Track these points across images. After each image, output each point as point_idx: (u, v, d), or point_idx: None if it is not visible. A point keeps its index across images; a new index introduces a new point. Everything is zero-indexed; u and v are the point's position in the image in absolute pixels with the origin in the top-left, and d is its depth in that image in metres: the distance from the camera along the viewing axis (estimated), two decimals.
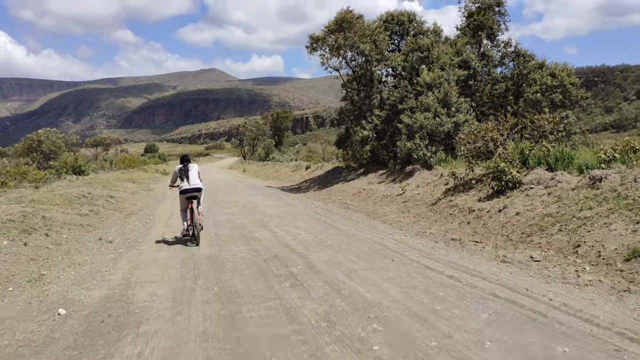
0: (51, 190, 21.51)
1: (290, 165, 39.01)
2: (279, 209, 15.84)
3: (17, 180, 31.48)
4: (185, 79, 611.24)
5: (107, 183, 26.20)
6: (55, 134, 49.08)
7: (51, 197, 17.49)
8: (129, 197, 22.95)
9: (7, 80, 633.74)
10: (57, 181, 28.70)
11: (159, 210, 16.60)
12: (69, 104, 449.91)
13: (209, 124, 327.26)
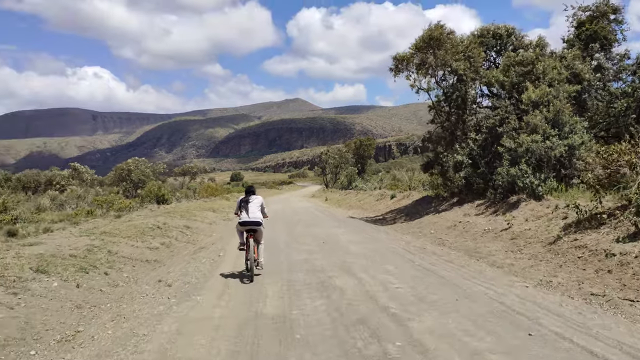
0: (129, 220, 20.86)
1: (374, 194, 36.95)
2: (363, 246, 13.80)
3: (104, 208, 31.79)
4: (270, 109, 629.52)
5: (186, 212, 25.44)
6: (144, 163, 50.21)
7: (125, 228, 16.59)
8: (206, 227, 21.86)
9: (109, 114, 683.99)
10: (138, 210, 28.46)
11: (231, 245, 15.10)
12: (163, 135, 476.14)
13: (293, 153, 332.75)
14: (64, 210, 33.86)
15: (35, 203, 35.92)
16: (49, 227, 19.79)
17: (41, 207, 35.11)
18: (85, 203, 34.22)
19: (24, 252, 11.25)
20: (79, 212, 29.13)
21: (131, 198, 41.74)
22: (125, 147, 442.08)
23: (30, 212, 30.15)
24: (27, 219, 24.95)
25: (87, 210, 29.43)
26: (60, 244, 13.04)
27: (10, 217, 23.97)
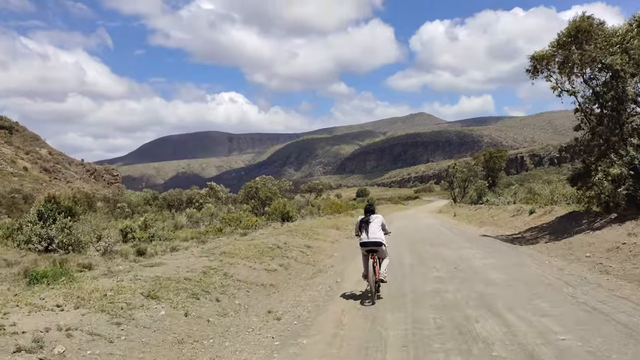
0: (251, 239, 20.55)
1: (508, 209, 33.70)
2: (505, 273, 11.70)
3: (232, 226, 32.38)
4: (395, 125, 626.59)
5: (308, 230, 24.74)
6: (270, 181, 51.19)
7: (245, 247, 16.08)
8: (328, 246, 20.86)
9: (243, 135, 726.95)
10: (263, 228, 28.42)
11: (351, 268, 13.83)
12: (292, 154, 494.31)
13: (418, 167, 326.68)
14: (198, 227, 35.17)
15: (174, 221, 37.84)
16: (177, 246, 20.07)
17: (178, 224, 36.83)
18: (217, 220, 35.23)
19: (143, 274, 10.92)
20: (209, 230, 29.89)
21: (259, 215, 42.55)
22: (257, 166, 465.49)
23: (167, 230, 31.62)
24: (163, 236, 25.89)
25: (217, 228, 30.14)
26: (180, 265, 12.69)
27: (148, 235, 25.03)
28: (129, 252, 17.52)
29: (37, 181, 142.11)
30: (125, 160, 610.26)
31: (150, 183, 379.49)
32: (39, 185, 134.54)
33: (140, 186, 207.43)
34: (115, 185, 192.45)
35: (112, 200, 74.48)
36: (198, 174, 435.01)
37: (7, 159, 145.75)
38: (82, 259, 17.02)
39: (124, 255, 16.96)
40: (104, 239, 19.70)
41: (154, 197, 77.59)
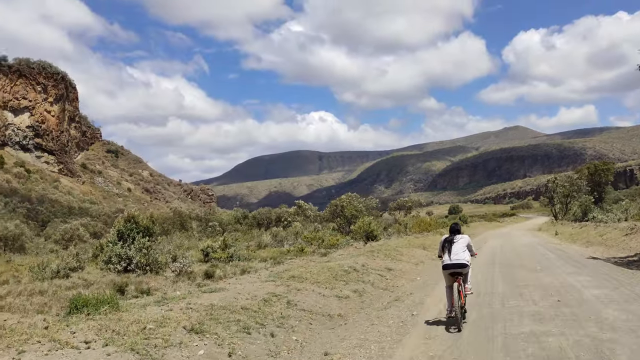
0: (328, 260, 19.29)
1: (620, 227, 29.89)
2: (624, 309, 9.38)
3: (315, 245, 31.35)
4: (488, 139, 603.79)
5: (392, 250, 23.06)
6: (356, 199, 49.89)
7: (318, 270, 14.81)
8: (411, 269, 19.07)
9: (333, 154, 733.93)
10: (343, 248, 27.09)
11: (433, 296, 12.09)
12: (381, 171, 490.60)
13: (514, 183, 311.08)
14: (282, 246, 34.60)
15: (257, 240, 37.58)
16: (249, 268, 19.22)
17: (261, 243, 36.48)
18: (301, 239, 34.44)
19: (198, 302, 9.97)
20: (291, 250, 29.06)
21: (345, 234, 41.30)
22: (347, 184, 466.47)
23: (250, 249, 31.22)
24: (242, 256, 25.33)
25: (299, 248, 29.24)
26: (242, 290, 11.66)
27: (227, 255, 24.56)
28: (199, 274, 16.89)
29: (140, 201, 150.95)
30: (220, 180, 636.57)
31: (244, 202, 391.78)
32: (141, 205, 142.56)
33: (234, 205, 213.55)
34: (210, 205, 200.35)
35: (204, 219, 76.71)
36: (290, 193, 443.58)
37: (114, 181, 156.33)
38: (151, 281, 16.58)
39: (192, 277, 16.32)
40: (179, 259, 19.33)
41: (244, 216, 79.02)
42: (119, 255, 19.15)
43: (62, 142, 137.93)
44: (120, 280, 17.33)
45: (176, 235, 43.51)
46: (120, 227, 20.33)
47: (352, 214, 47.51)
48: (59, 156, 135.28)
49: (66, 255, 24.79)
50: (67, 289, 17.01)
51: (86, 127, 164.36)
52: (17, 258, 32.60)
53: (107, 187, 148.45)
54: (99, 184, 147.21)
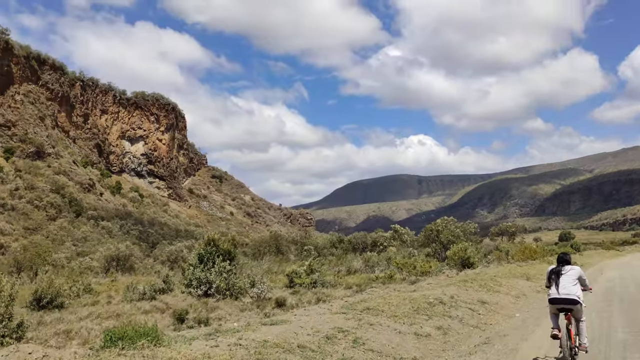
0: (413, 290, 17.47)
1: None
2: None
3: (405, 272, 29.41)
4: (603, 161, 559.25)
5: (489, 280, 20.69)
6: (453, 223, 47.07)
7: (398, 302, 13.18)
8: (509, 303, 16.70)
9: (433, 178, 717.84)
10: (434, 276, 24.94)
11: (532, 340, 10.00)
12: (484, 195, 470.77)
13: (635, 208, 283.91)
14: (372, 272, 33.02)
15: (348, 265, 36.24)
16: (326, 296, 17.92)
17: (351, 269, 35.09)
18: (392, 265, 32.65)
19: (251, 337, 8.85)
20: (380, 277, 27.41)
21: (440, 260, 38.76)
22: (447, 208, 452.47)
23: (338, 275, 29.94)
24: (327, 282, 24.12)
25: (388, 275, 27.51)
26: (306, 324, 10.37)
27: (310, 280, 23.45)
28: (272, 301, 15.86)
29: (241, 224, 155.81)
30: (320, 204, 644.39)
31: (343, 226, 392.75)
32: (242, 229, 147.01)
33: (333, 229, 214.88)
34: (309, 228, 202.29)
35: (300, 243, 76.74)
36: (388, 217, 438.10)
37: (217, 205, 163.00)
38: (225, 307, 15.78)
39: (263, 305, 15.30)
40: (257, 285, 18.49)
41: (340, 240, 78.01)
42: (199, 279, 18.67)
43: (171, 168, 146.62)
44: (196, 303, 16.77)
45: (267, 259, 43.31)
46: (200, 250, 19.98)
47: (448, 239, 44.80)
48: (168, 181, 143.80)
49: (155, 277, 25.08)
50: (144, 312, 16.73)
51: (193, 154, 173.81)
52: (124, 277, 33.75)
53: (212, 211, 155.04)
54: (204, 207, 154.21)
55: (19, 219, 78.37)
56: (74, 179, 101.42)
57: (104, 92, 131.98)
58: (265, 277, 21.59)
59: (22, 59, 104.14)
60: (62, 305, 18.28)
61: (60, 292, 18.82)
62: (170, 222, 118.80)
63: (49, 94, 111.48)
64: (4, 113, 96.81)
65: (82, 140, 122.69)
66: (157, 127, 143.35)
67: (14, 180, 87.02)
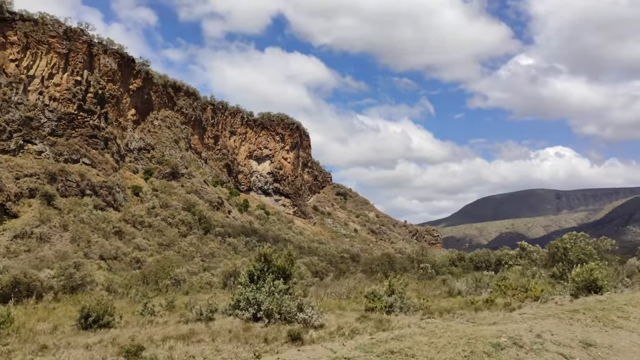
0: (493, 322, 13.14)
1: None
2: None
3: (511, 296, 24.39)
4: None
5: (612, 311, 15.50)
6: (583, 239, 39.86)
7: (445, 342, 9.31)
8: (634, 344, 11.73)
9: (573, 192, 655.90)
10: (542, 302, 19.83)
11: None
12: (636, 211, 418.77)
13: None
14: (478, 294, 28.39)
15: (446, 287, 31.78)
16: (388, 324, 14.25)
17: (452, 290, 30.59)
18: (494, 288, 27.64)
19: None
20: (476, 301, 22.88)
21: (567, 281, 32.49)
22: (591, 225, 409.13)
23: (432, 298, 25.78)
24: (412, 306, 20.35)
25: (486, 299, 22.85)
26: None
27: (384, 304, 19.80)
28: (283, 333, 12.63)
29: (365, 242, 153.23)
30: (449, 221, 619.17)
31: (474, 243, 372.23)
32: (366, 246, 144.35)
33: (462, 247, 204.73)
34: (436, 245, 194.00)
35: (416, 260, 71.81)
36: (523, 234, 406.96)
37: (341, 222, 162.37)
38: (269, 335, 12.88)
39: (278, 337, 12.12)
40: (305, 309, 15.40)
41: (460, 258, 71.79)
42: (247, 299, 16.02)
43: (296, 186, 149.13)
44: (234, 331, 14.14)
45: (356, 277, 39.93)
46: (251, 267, 17.43)
47: (578, 257, 37.82)
48: (293, 199, 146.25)
49: (212, 296, 23.06)
50: (180, 339, 14.39)
51: (318, 172, 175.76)
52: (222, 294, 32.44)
53: (335, 228, 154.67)
54: (328, 224, 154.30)
55: (154, 235, 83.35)
56: (204, 197, 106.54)
57: (233, 115, 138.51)
58: (305, 300, 18.29)
59: (160, 87, 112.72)
60: (109, 325, 16.76)
61: (109, 310, 17.33)
62: (294, 238, 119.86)
63: (183, 118, 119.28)
64: (144, 137, 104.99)
65: (213, 161, 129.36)
66: (283, 146, 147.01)
67: (151, 199, 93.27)
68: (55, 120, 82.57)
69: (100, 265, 65.25)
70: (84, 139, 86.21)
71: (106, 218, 78.96)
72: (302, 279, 53.59)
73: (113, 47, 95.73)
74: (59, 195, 77.10)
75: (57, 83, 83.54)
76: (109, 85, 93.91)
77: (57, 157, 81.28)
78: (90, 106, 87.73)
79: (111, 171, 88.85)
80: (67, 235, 72.83)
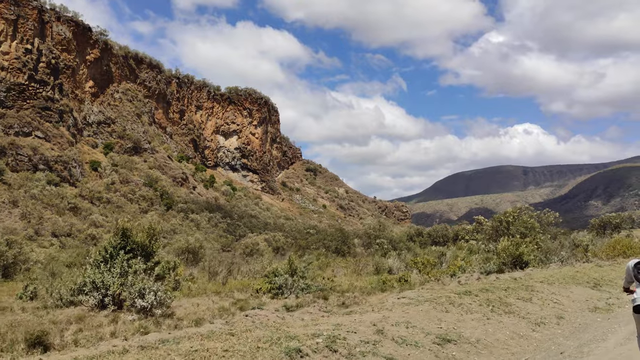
0: (364, 310, 10.92)
1: None
2: None
3: (424, 273, 22.40)
4: None
5: (518, 290, 13.73)
6: (527, 212, 38.40)
7: (242, 346, 7.06)
8: (518, 336, 9.64)
9: (540, 168, 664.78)
10: (457, 278, 17.74)
11: None
12: (598, 186, 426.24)
13: None
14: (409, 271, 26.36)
15: (376, 262, 29.54)
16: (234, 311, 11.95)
17: (381, 268, 28.15)
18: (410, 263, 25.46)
19: None
20: (388, 280, 20.72)
21: None
22: (556, 200, 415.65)
23: (327, 278, 23.67)
24: (300, 286, 17.98)
25: (399, 277, 20.73)
26: None
27: (273, 285, 17.36)
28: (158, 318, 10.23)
29: (333, 217, 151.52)
30: (420, 197, 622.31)
31: (444, 219, 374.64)
32: (334, 222, 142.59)
33: (434, 222, 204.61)
34: (405, 221, 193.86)
35: (373, 236, 70.17)
36: (492, 210, 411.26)
37: (310, 198, 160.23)
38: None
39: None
40: (147, 295, 12.68)
41: (418, 233, 70.39)
42: (94, 282, 13.38)
43: (264, 161, 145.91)
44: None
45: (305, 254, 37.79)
46: (106, 244, 14.71)
47: (520, 231, 36.34)
48: (261, 175, 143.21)
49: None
50: None
51: (287, 148, 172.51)
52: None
53: (304, 204, 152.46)
54: (297, 201, 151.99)
55: (113, 212, 79.75)
56: (168, 173, 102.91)
57: (199, 89, 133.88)
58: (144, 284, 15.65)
59: (121, 59, 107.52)
60: None
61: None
62: (261, 214, 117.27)
63: (147, 91, 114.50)
64: (103, 110, 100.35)
65: (179, 136, 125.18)
66: (250, 121, 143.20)
67: (110, 174, 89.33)
68: (3, 91, 77.70)
69: (52, 243, 61.93)
70: (37, 111, 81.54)
71: (60, 194, 75.05)
72: (261, 255, 51.22)
73: (67, 15, 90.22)
74: (8, 170, 72.88)
75: (5, 51, 78.37)
76: (64, 54, 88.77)
77: (7, 130, 76.71)
78: (42, 77, 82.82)
79: (67, 145, 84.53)
80: (16, 211, 68.87)
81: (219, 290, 16.24)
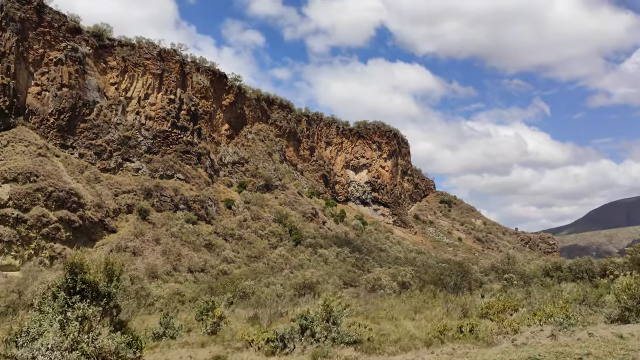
0: None
1: None
2: None
3: (502, 321, 16.81)
4: None
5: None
6: None
7: None
8: None
9: None
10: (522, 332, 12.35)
11: None
12: None
13: None
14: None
15: (462, 302, 23.93)
16: None
17: (466, 308, 22.42)
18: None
19: None
20: (448, 327, 15.65)
21: None
22: None
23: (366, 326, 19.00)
24: (352, 335, 14.00)
25: (468, 325, 15.49)
26: None
27: (271, 336, 13.49)
28: None
29: (470, 250, 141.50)
30: (571, 228, 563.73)
31: (601, 252, 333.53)
32: (471, 255, 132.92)
33: (588, 256, 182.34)
34: (552, 254, 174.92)
35: (501, 270, 63.21)
36: None
37: (444, 231, 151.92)
38: None
39: None
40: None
41: (556, 267, 61.33)
42: (27, 332, 10.77)
43: (395, 194, 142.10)
44: None
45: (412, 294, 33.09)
46: (58, 282, 11.81)
47: None
48: (393, 208, 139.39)
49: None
50: None
51: (419, 180, 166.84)
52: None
53: (438, 237, 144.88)
54: (430, 234, 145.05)
55: (244, 247, 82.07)
56: (297, 208, 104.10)
57: (328, 125, 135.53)
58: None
59: (254, 101, 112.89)
60: None
61: None
62: (391, 248, 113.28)
63: (278, 130, 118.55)
64: (237, 151, 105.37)
65: (309, 172, 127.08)
66: (380, 154, 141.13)
67: (243, 211, 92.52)
68: (151, 139, 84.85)
69: (187, 278, 64.46)
70: (178, 154, 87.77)
71: (197, 231, 78.95)
72: (383, 289, 47.46)
73: (205, 65, 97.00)
74: (154, 210, 78.52)
75: (152, 102, 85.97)
76: (202, 101, 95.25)
77: (153, 173, 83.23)
78: (183, 123, 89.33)
79: (204, 185, 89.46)
80: (159, 248, 73.46)
81: (218, 339, 13.00)
